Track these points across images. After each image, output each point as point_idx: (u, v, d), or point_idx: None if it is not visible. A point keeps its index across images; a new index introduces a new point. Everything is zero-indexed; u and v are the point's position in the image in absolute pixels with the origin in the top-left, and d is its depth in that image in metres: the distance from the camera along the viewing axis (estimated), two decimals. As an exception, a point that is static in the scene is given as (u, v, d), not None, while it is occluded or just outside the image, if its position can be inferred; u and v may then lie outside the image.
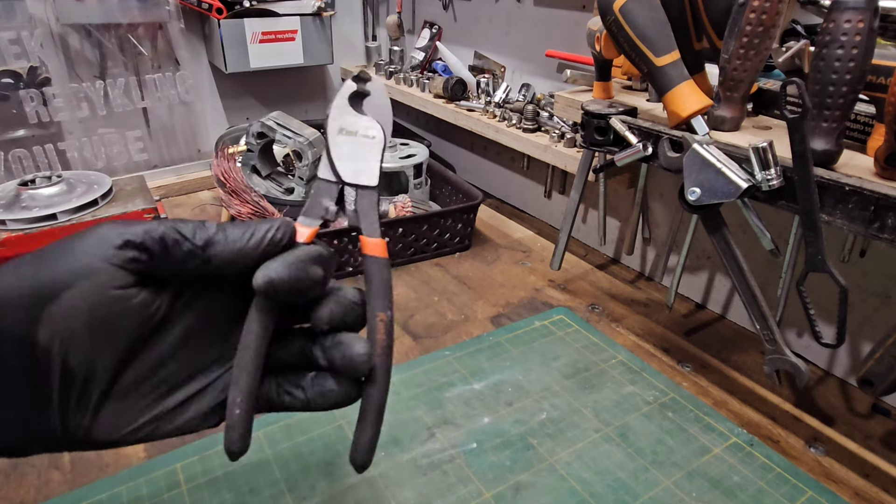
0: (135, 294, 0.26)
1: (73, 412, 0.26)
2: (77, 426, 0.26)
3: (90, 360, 0.25)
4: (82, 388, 0.26)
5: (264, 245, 0.27)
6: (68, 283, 0.24)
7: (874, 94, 0.50)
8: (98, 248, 0.25)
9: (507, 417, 0.61)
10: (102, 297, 0.25)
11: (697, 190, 0.53)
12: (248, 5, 1.15)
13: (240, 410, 0.27)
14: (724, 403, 0.64)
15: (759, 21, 0.51)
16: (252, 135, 0.97)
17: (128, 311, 0.26)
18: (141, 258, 0.26)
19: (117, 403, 0.27)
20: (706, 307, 0.83)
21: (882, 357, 0.50)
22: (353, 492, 0.52)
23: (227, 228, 0.27)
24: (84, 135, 1.14)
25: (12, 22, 1.01)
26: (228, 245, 0.27)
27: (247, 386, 0.28)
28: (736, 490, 0.52)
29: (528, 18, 1.04)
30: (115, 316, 0.25)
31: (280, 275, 0.26)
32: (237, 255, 0.27)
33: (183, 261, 0.26)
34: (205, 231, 0.27)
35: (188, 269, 0.27)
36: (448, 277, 0.89)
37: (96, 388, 0.26)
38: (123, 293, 0.25)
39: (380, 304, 0.30)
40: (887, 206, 0.45)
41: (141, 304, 0.26)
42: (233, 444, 0.27)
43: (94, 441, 0.27)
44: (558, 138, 0.90)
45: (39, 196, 0.79)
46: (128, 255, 0.25)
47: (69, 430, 0.26)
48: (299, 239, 0.29)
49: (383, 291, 0.30)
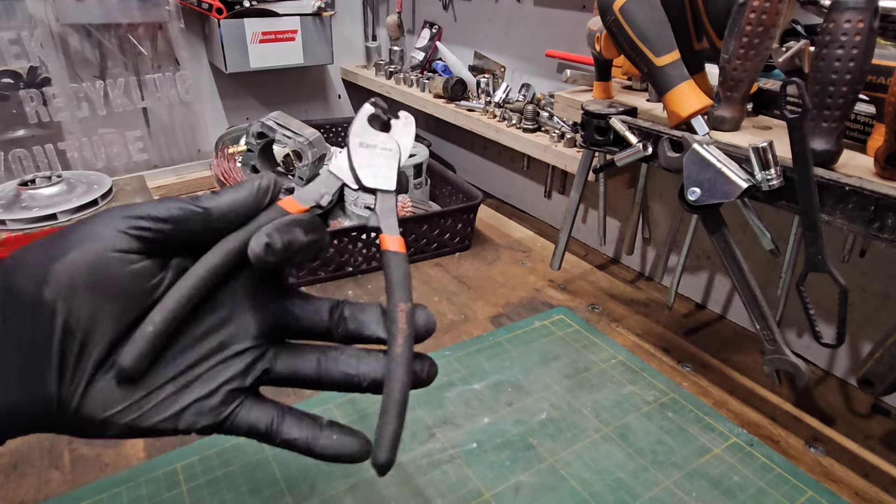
0: (136, 260, 0.27)
1: (69, 379, 0.27)
2: (71, 395, 0.27)
3: (90, 321, 0.27)
4: (79, 352, 0.27)
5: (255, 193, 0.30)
6: (74, 245, 0.26)
7: (874, 94, 0.50)
8: (107, 217, 0.27)
9: (507, 417, 0.61)
10: (103, 257, 0.26)
11: (697, 190, 0.53)
12: (248, 5, 1.15)
13: (151, 329, 0.27)
14: (724, 403, 0.64)
15: (759, 21, 0.52)
16: (252, 135, 0.97)
17: (128, 276, 0.27)
18: (146, 225, 0.27)
19: (110, 378, 0.27)
20: (706, 307, 0.83)
21: (882, 357, 0.50)
22: (354, 492, 0.52)
23: (220, 192, 0.30)
24: (84, 135, 1.14)
25: (12, 22, 1.01)
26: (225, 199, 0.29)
27: (171, 306, 0.27)
28: (736, 490, 0.53)
29: (528, 18, 1.04)
30: (115, 277, 0.27)
31: (274, 240, 0.27)
32: (233, 204, 0.29)
33: (186, 221, 0.28)
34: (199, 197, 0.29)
35: (192, 229, 0.29)
36: (448, 277, 0.89)
37: (94, 353, 0.27)
38: (124, 256, 0.27)
39: (401, 296, 0.30)
40: (887, 206, 0.45)
41: (142, 271, 0.28)
42: (125, 358, 0.27)
43: (84, 416, 0.27)
44: (558, 138, 0.90)
45: (39, 196, 0.79)
46: (133, 222, 0.27)
47: (63, 399, 0.27)
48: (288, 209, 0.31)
49: (403, 284, 0.30)
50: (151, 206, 0.28)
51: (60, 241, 0.27)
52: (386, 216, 0.32)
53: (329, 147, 1.07)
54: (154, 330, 0.27)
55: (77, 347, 0.26)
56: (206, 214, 0.29)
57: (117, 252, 0.27)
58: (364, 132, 0.34)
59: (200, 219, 0.29)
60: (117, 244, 0.27)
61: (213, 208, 0.29)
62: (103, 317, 0.27)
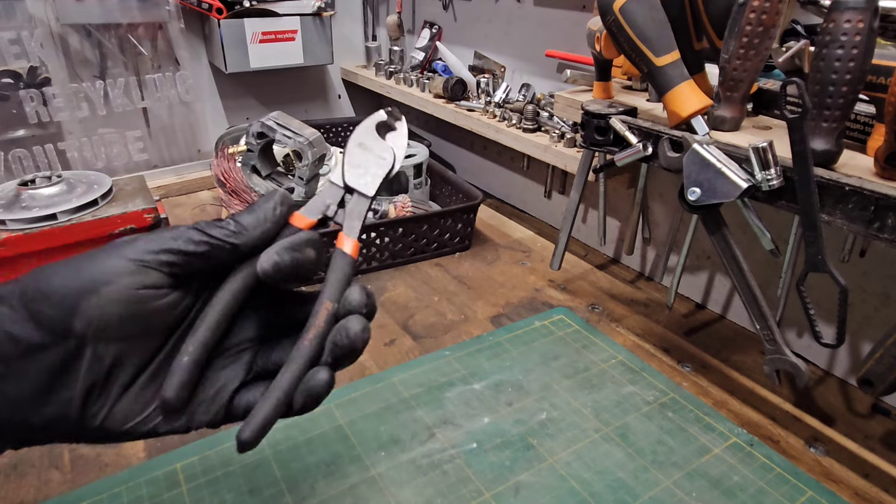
0: (165, 294, 0.28)
1: (95, 400, 0.27)
2: (94, 415, 0.28)
3: (118, 351, 0.27)
4: (106, 378, 0.27)
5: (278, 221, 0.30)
6: (107, 281, 0.27)
7: (874, 94, 0.50)
8: (135, 250, 0.28)
9: (507, 417, 0.61)
10: (134, 295, 0.27)
11: (697, 190, 0.53)
12: (248, 5, 1.15)
13: (188, 359, 0.28)
14: (724, 403, 0.64)
15: (759, 21, 0.51)
16: (252, 135, 0.97)
17: (156, 309, 0.28)
18: (177, 261, 0.28)
19: (133, 396, 0.28)
20: (706, 307, 0.83)
21: (882, 357, 0.50)
22: (353, 492, 0.52)
23: (241, 218, 0.30)
24: (84, 135, 1.14)
25: (12, 22, 1.01)
26: (251, 233, 0.30)
27: (203, 338, 0.29)
28: (736, 490, 0.52)
29: (528, 18, 1.04)
30: (144, 313, 0.28)
31: (284, 259, 0.29)
32: (260, 239, 0.30)
33: (217, 256, 0.29)
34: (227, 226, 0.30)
35: (220, 262, 0.29)
36: (448, 277, 0.89)
37: (121, 377, 0.28)
38: (154, 292, 0.28)
39: (331, 295, 0.30)
40: (887, 206, 0.45)
41: (169, 303, 0.28)
42: (169, 389, 0.28)
43: (106, 431, 0.28)
44: (558, 138, 0.90)
45: (39, 196, 0.79)
46: (163, 257, 0.28)
47: (85, 419, 0.27)
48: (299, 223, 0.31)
49: (339, 284, 0.31)
50: (183, 240, 0.28)
51: (89, 271, 0.27)
52: (352, 218, 0.33)
53: (329, 147, 1.07)
54: (190, 360, 0.28)
55: (104, 374, 0.27)
56: (235, 249, 0.29)
57: (147, 289, 0.27)
58: (367, 135, 0.35)
59: (229, 252, 0.29)
60: (146, 280, 0.27)
61: (241, 245, 0.29)
62: (131, 347, 0.28)
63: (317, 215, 0.32)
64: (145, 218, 0.82)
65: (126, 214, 0.81)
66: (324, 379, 0.29)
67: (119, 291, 0.27)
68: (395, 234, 0.89)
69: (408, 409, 0.61)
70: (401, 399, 0.63)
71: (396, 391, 0.64)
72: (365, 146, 0.35)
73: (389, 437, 0.58)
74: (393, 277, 0.88)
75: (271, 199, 0.31)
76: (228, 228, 0.29)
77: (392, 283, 0.87)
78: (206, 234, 0.29)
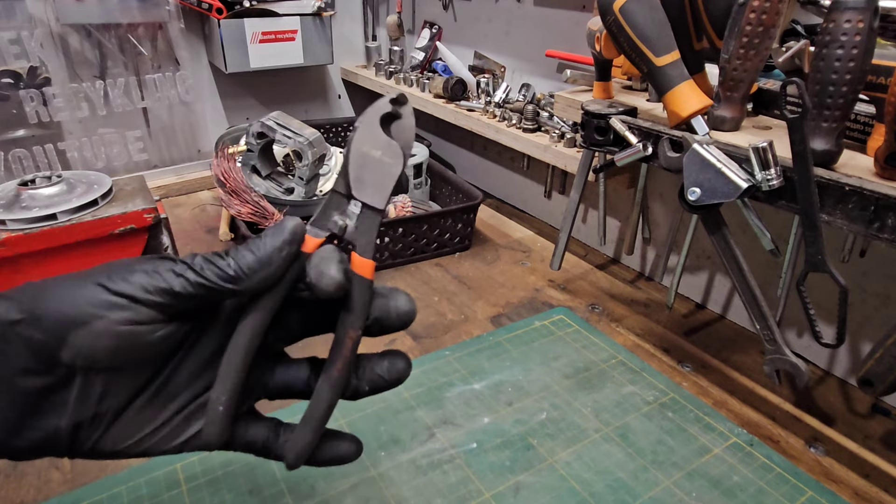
0: (158, 328, 0.27)
1: (86, 427, 0.27)
2: (86, 439, 0.27)
3: (110, 380, 0.27)
4: (97, 408, 0.27)
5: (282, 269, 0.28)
6: (97, 315, 0.26)
7: (874, 94, 0.50)
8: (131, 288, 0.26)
9: (507, 417, 0.61)
10: (126, 330, 0.26)
11: (697, 190, 0.53)
12: (248, 5, 1.15)
13: (223, 408, 0.28)
14: (724, 403, 0.64)
15: (759, 21, 0.51)
16: (252, 135, 0.97)
17: (150, 343, 0.27)
18: (172, 303, 0.27)
19: (126, 420, 0.28)
20: (706, 307, 0.83)
21: (882, 357, 0.50)
22: (353, 492, 0.52)
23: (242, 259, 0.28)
24: (84, 135, 1.14)
25: (12, 22, 1.01)
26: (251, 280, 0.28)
27: (231, 384, 0.28)
28: (736, 490, 0.52)
29: (528, 18, 1.04)
30: (137, 347, 0.27)
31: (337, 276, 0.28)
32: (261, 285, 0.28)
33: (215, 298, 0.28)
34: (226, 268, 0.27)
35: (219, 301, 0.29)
36: (448, 277, 0.89)
37: (113, 405, 0.27)
38: (147, 328, 0.27)
39: (354, 322, 0.30)
40: (887, 206, 0.45)
41: (163, 336, 0.28)
42: (210, 437, 0.29)
43: (98, 452, 0.28)
44: (558, 138, 0.90)
45: (39, 196, 0.79)
46: (155, 299, 0.27)
47: (77, 442, 0.27)
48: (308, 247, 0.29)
49: (361, 312, 0.30)
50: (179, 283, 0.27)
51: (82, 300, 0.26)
52: (364, 234, 0.30)
53: (329, 147, 1.07)
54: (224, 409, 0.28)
55: (95, 401, 0.27)
56: (235, 292, 0.28)
57: (138, 325, 0.26)
58: (371, 133, 0.31)
59: (228, 293, 0.28)
60: (137, 317, 0.26)
61: (242, 290, 0.28)
62: (123, 377, 0.27)
63: (325, 232, 0.30)
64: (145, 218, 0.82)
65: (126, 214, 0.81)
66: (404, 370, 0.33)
67: (107, 327, 0.26)
68: (395, 234, 0.89)
69: (408, 408, 0.61)
70: (401, 399, 0.63)
71: (396, 391, 0.64)
72: (371, 150, 0.31)
73: (389, 437, 0.58)
74: (393, 277, 0.88)
75: (279, 236, 0.28)
76: (227, 272, 0.27)
77: (392, 283, 0.87)
78: (203, 277, 0.27)
